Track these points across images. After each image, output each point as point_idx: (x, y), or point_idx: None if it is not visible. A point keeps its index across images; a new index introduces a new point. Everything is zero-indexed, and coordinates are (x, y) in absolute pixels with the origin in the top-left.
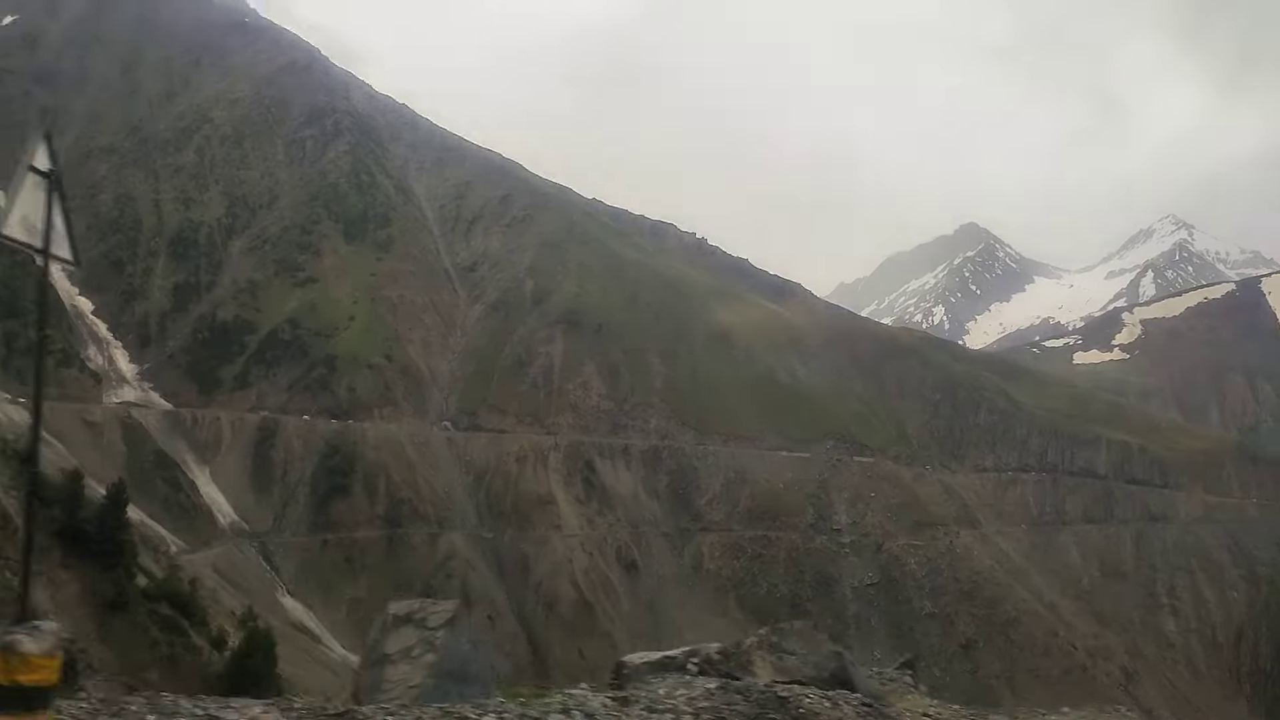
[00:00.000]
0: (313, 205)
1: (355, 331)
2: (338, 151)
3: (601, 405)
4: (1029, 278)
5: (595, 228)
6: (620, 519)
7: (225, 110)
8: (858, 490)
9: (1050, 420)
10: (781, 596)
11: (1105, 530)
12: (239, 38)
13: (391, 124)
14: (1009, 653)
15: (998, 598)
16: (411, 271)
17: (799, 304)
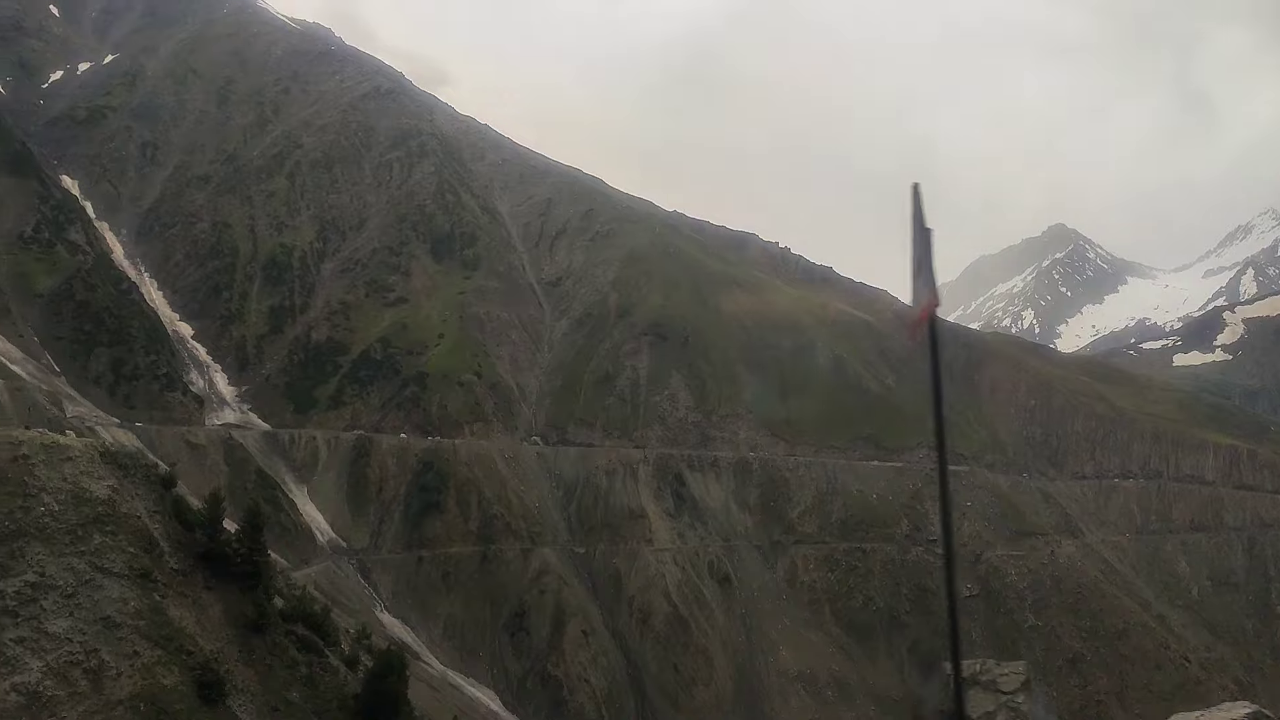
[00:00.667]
0: (401, 226)
1: (445, 349)
2: (423, 173)
3: (689, 417)
4: (1121, 279)
5: (678, 240)
6: (711, 532)
7: (314, 136)
8: (953, 499)
9: (1153, 425)
10: (878, 610)
11: (1214, 538)
12: (326, 66)
13: (474, 144)
14: (1118, 667)
15: (1104, 609)
16: (498, 288)
17: (885, 310)
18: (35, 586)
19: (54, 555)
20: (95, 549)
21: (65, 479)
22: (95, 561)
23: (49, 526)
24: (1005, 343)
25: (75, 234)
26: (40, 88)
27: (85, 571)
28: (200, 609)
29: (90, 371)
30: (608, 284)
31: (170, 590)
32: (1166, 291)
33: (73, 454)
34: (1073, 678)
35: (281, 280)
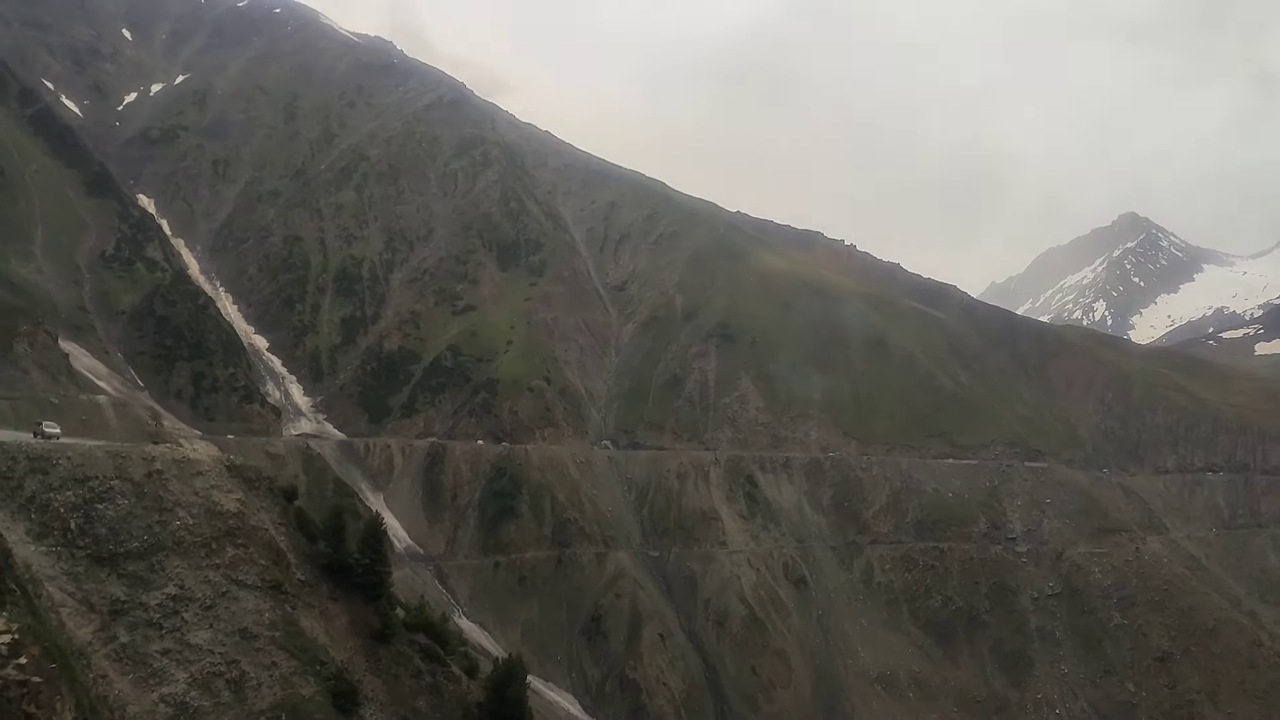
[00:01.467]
0: (467, 235)
1: (514, 355)
2: (488, 181)
3: (759, 418)
4: (1197, 266)
5: (742, 240)
6: (785, 533)
7: (380, 148)
8: (1031, 496)
9: (1238, 416)
10: (957, 609)
11: None
12: (389, 79)
13: (536, 151)
14: (1210, 665)
15: (1192, 606)
16: (564, 294)
17: (955, 306)
18: (176, 599)
19: (191, 568)
20: (229, 561)
21: (197, 493)
22: (230, 574)
23: (185, 540)
24: (1079, 335)
25: (153, 251)
26: (115, 110)
27: (221, 584)
28: (328, 619)
29: (172, 386)
30: (673, 286)
31: (300, 601)
32: (1245, 278)
33: (203, 468)
34: (1162, 677)
35: (352, 291)
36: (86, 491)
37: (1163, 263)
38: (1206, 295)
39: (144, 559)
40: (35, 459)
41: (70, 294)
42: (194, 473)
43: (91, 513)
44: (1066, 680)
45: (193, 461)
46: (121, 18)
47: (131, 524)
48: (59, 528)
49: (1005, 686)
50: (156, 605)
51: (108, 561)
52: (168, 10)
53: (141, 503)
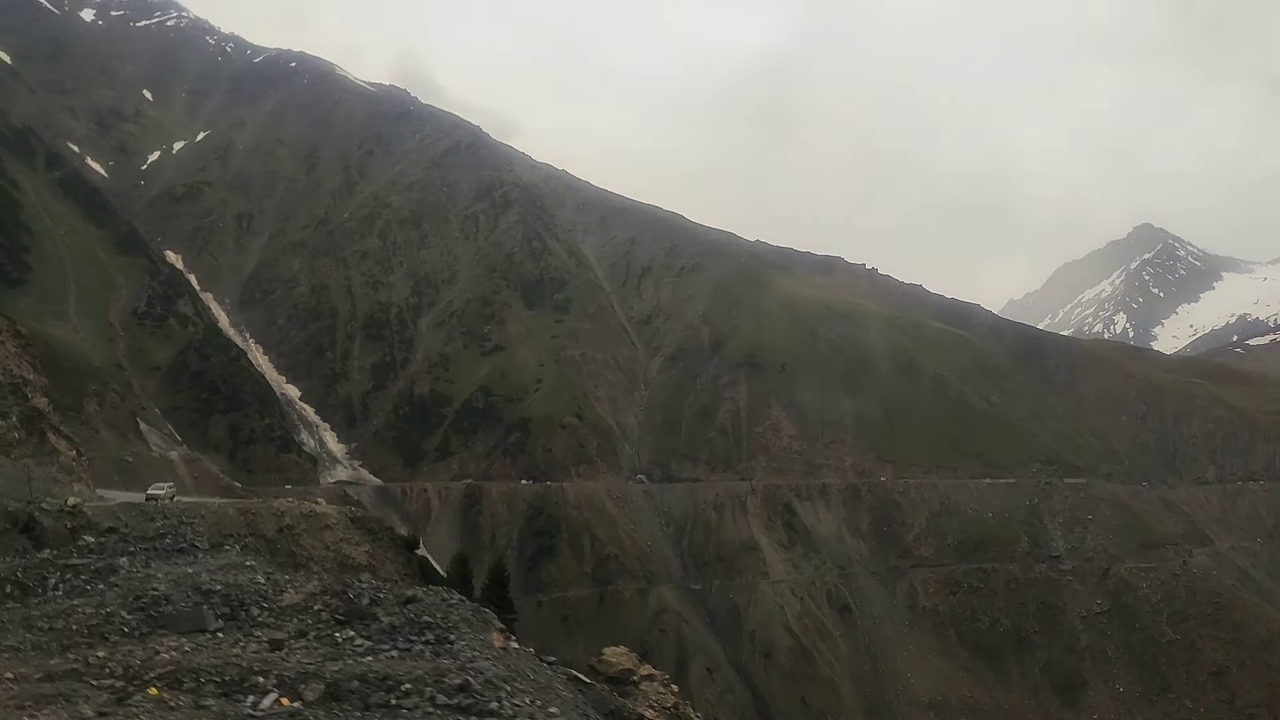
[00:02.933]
0: (491, 276)
1: (544, 393)
2: (509, 222)
3: (793, 446)
4: (1216, 275)
5: (764, 269)
6: (826, 561)
7: (401, 195)
8: (1073, 513)
9: (1275, 424)
10: (1005, 631)
11: None
12: (406, 126)
13: (555, 190)
14: (1267, 678)
15: (1246, 619)
16: (590, 330)
17: (981, 326)
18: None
19: None
20: None
21: (328, 547)
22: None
23: None
24: (1108, 349)
25: (184, 306)
26: (139, 169)
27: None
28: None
29: (210, 438)
30: (698, 317)
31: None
32: (1266, 284)
33: (330, 521)
34: (1219, 691)
35: (381, 337)
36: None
37: (1181, 272)
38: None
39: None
40: (170, 518)
41: (106, 352)
42: (322, 526)
43: None
44: (1122, 699)
45: (320, 515)
46: (142, 79)
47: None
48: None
49: (1059, 708)
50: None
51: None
52: (186, 70)
53: (275, 559)
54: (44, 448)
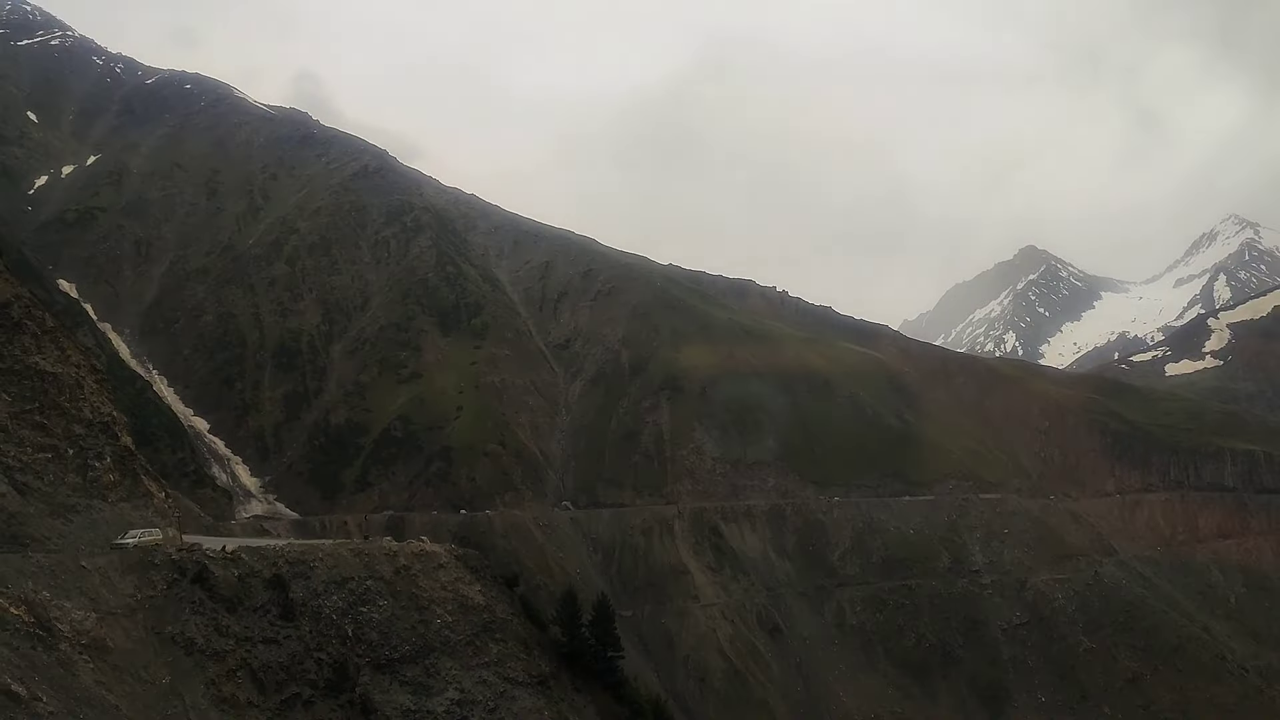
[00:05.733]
0: (406, 302)
1: (465, 421)
2: (421, 247)
3: (717, 469)
4: (1096, 294)
5: (680, 293)
6: (755, 582)
7: (309, 220)
8: (989, 528)
9: (1168, 436)
10: (931, 646)
11: (1243, 543)
12: (310, 149)
13: (466, 214)
14: (1179, 683)
15: (1156, 626)
16: (509, 355)
17: (890, 345)
18: (461, 704)
19: (464, 669)
20: (496, 659)
21: (445, 587)
22: (501, 672)
23: (450, 639)
24: (1011, 367)
25: (83, 337)
26: (26, 194)
27: (497, 684)
28: (575, 711)
29: None
30: (617, 341)
31: (561, 696)
32: (1141, 303)
33: (442, 560)
34: (1135, 698)
35: (293, 366)
36: (348, 594)
37: (1064, 292)
38: (1108, 321)
39: (418, 663)
40: (294, 562)
41: None
42: (435, 565)
43: (359, 616)
44: (1044, 709)
45: (431, 554)
46: (25, 99)
47: (397, 626)
48: (336, 635)
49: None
50: (444, 712)
51: (386, 668)
52: (73, 90)
53: (399, 603)
54: (138, 490)
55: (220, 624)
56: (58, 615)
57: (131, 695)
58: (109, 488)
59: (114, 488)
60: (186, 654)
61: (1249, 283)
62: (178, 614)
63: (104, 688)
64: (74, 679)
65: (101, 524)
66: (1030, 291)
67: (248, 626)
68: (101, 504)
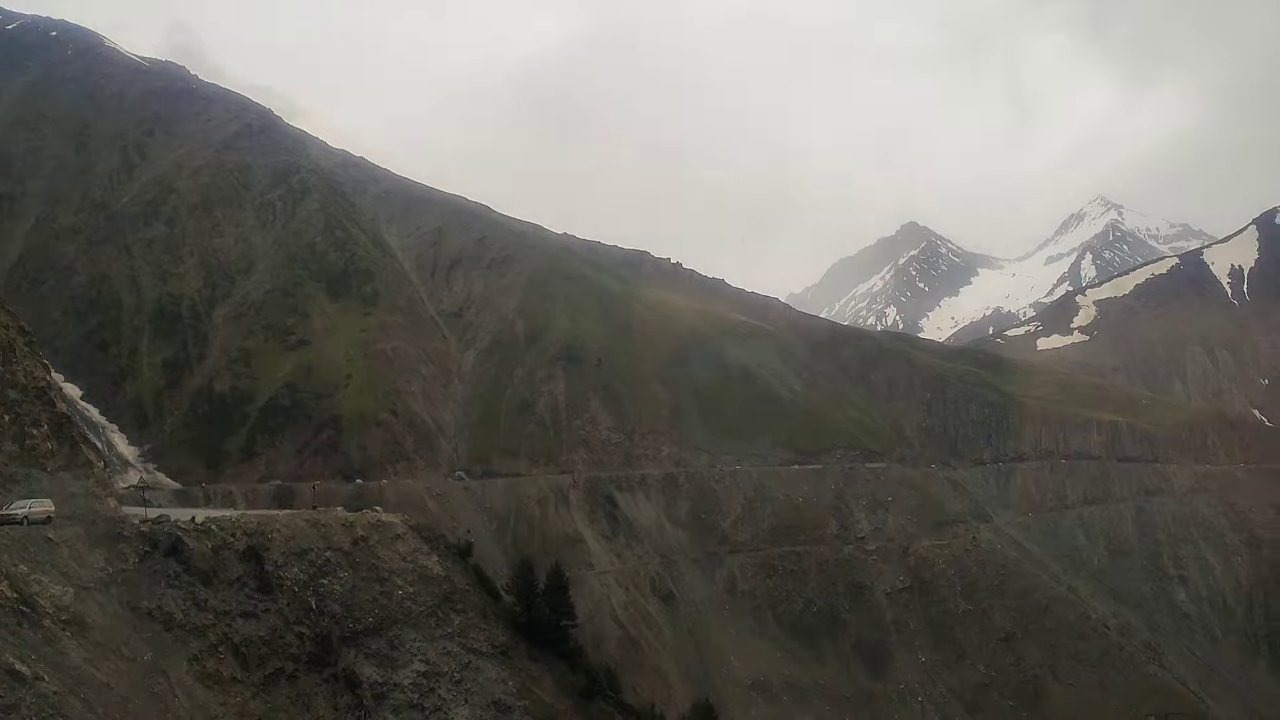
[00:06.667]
0: (293, 267)
1: (355, 389)
2: (308, 210)
3: (612, 438)
4: (973, 270)
5: (576, 262)
6: (649, 550)
7: (189, 179)
8: (874, 496)
9: (1040, 408)
10: (819, 611)
11: (1106, 509)
12: (189, 105)
13: (355, 178)
14: (1048, 641)
15: (1027, 588)
16: (401, 323)
17: (779, 318)
18: (427, 675)
19: (427, 640)
20: (459, 630)
21: (404, 558)
22: (464, 643)
23: (412, 611)
24: (894, 340)
25: None
26: None
27: (461, 655)
28: (531, 679)
29: None
30: (512, 311)
31: (520, 666)
32: (1014, 280)
33: (399, 531)
34: (1008, 656)
35: (173, 331)
36: (308, 566)
37: (943, 268)
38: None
39: (381, 635)
40: (252, 533)
41: None
42: (393, 536)
43: (320, 589)
44: (925, 668)
45: (388, 525)
46: None
47: (359, 598)
48: (299, 606)
49: (869, 680)
50: (410, 685)
51: (351, 641)
52: None
53: (359, 574)
54: (77, 459)
55: (198, 598)
56: (38, 590)
57: (117, 673)
58: (47, 456)
59: (52, 456)
60: (166, 629)
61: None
62: (153, 588)
63: (91, 665)
64: (63, 657)
65: (42, 494)
66: (911, 267)
67: (225, 600)
68: (40, 473)
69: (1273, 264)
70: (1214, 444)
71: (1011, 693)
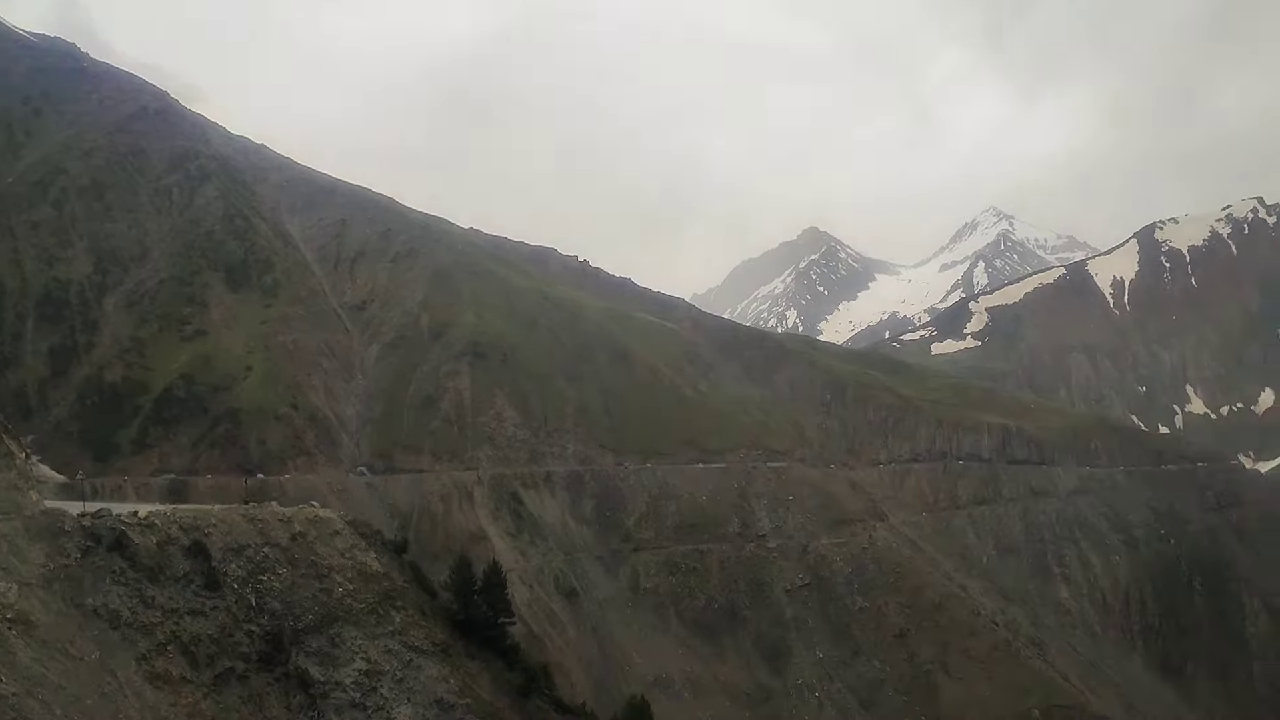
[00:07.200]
0: (190, 255)
1: (255, 382)
2: (207, 198)
3: (518, 435)
4: (871, 276)
5: (482, 258)
6: (553, 547)
7: (80, 161)
8: (775, 495)
9: (935, 410)
10: (720, 608)
11: (995, 509)
12: (81, 84)
13: (255, 165)
14: (939, 637)
15: (920, 585)
16: (303, 315)
17: (685, 318)
18: (369, 674)
19: (369, 638)
20: (400, 627)
21: (343, 554)
22: (405, 641)
23: (353, 608)
24: (796, 342)
25: None
26: None
27: (403, 653)
28: (469, 677)
29: None
30: (417, 304)
31: (462, 663)
32: (910, 286)
33: (337, 527)
34: (901, 652)
35: (60, 318)
36: (246, 562)
37: (842, 273)
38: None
39: (322, 633)
40: (189, 528)
41: None
42: (331, 532)
43: (260, 585)
44: (822, 664)
45: (326, 520)
46: None
47: (299, 595)
48: (240, 604)
49: (768, 676)
50: (353, 684)
51: (293, 639)
52: None
53: (298, 571)
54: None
55: (145, 595)
56: None
57: (67, 673)
58: None
59: None
60: (112, 628)
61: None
62: (97, 584)
63: (41, 665)
64: (13, 656)
65: None
66: (812, 271)
67: (172, 597)
68: None
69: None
70: (1096, 447)
71: (904, 688)
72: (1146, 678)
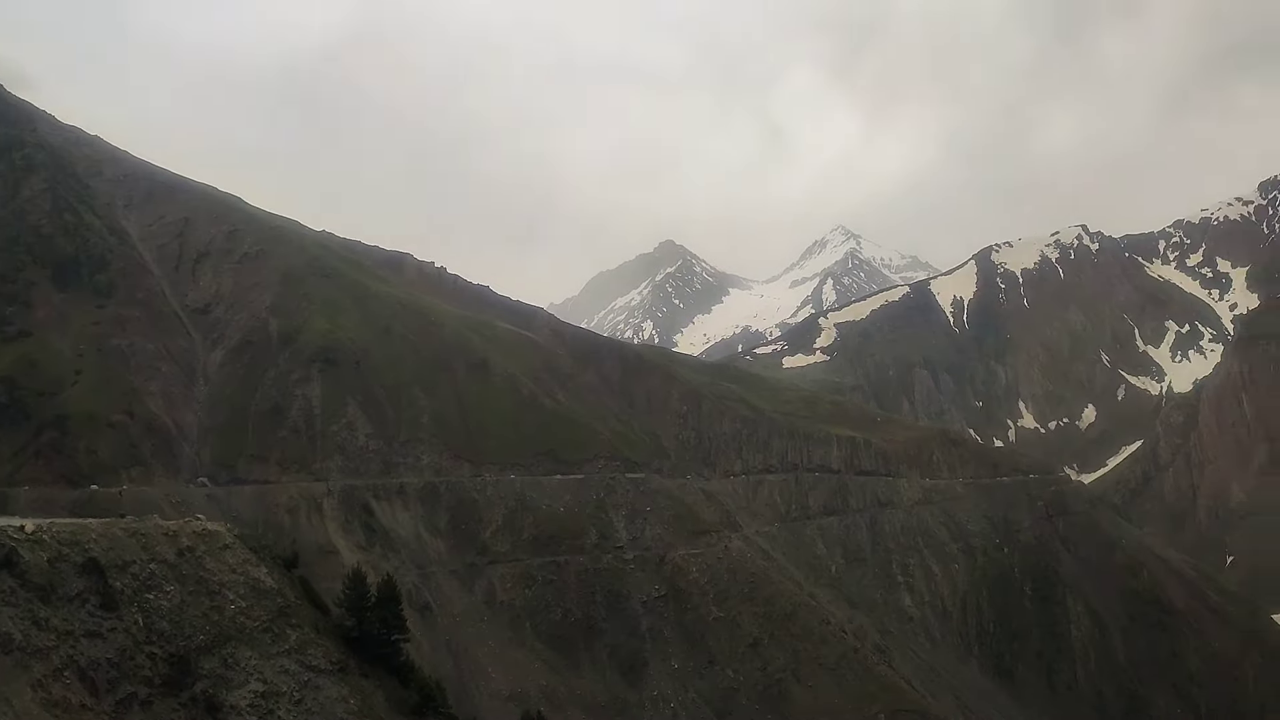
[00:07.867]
0: (13, 250)
1: (85, 387)
2: (33, 190)
3: (370, 445)
4: (724, 290)
5: (335, 261)
6: (406, 561)
7: None
8: (633, 506)
9: (788, 423)
10: (576, 621)
11: (844, 520)
12: None
13: (88, 157)
14: (791, 646)
15: (773, 595)
16: (139, 317)
17: (544, 328)
18: (265, 696)
19: (264, 658)
20: (296, 646)
21: (234, 570)
22: (302, 660)
23: (246, 627)
24: (654, 354)
25: None
26: None
27: (300, 672)
28: (362, 696)
29: None
30: (265, 309)
31: (358, 682)
32: (762, 301)
33: (226, 541)
34: (754, 661)
35: None
36: (131, 579)
37: (697, 286)
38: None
39: (214, 653)
40: (65, 543)
41: None
42: (221, 546)
43: (146, 604)
44: (677, 675)
45: (215, 534)
46: None
47: (188, 614)
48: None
49: (624, 688)
50: (249, 706)
51: (181, 661)
52: None
53: (186, 588)
54: None
55: (37, 616)
56: None
57: None
58: None
59: None
60: (4, 652)
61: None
62: None
63: None
64: None
65: None
66: (668, 284)
67: (66, 619)
68: None
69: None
70: (938, 460)
71: (757, 696)
72: (982, 681)
